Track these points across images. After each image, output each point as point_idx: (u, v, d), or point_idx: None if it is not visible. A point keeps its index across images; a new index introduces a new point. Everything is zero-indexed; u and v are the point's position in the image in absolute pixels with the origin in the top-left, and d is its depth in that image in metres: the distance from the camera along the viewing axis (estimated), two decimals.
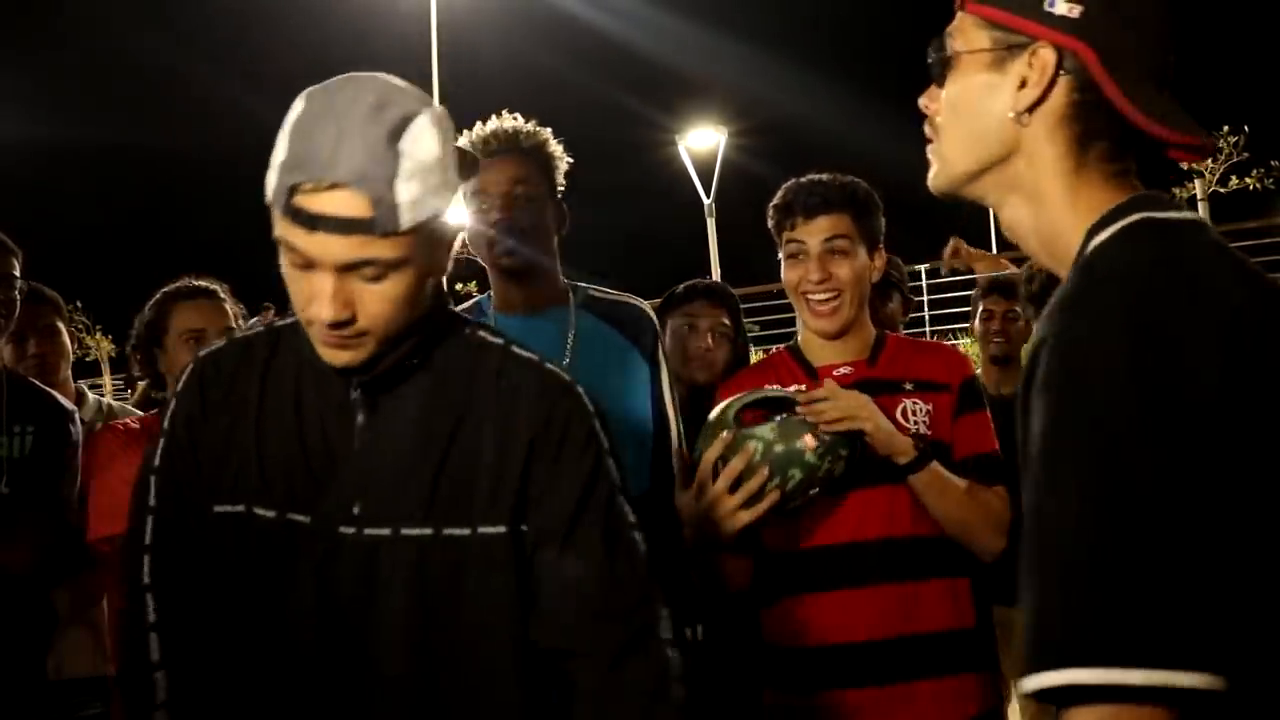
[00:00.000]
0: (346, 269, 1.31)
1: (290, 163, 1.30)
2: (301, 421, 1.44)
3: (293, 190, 1.29)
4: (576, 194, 2.42)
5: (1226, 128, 16.71)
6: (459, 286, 10.15)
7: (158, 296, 2.67)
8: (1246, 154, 16.98)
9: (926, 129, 1.23)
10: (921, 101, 1.23)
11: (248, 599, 1.41)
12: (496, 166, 2.28)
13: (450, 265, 1.44)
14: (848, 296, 2.17)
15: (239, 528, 1.42)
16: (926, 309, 15.03)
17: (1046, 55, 1.11)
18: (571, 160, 2.38)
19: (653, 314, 2.34)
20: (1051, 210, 1.15)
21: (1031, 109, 1.13)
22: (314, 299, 1.33)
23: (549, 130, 2.36)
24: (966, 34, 1.17)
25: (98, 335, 18.61)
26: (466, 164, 1.43)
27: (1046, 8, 1.12)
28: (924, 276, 14.77)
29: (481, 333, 1.52)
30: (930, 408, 2.15)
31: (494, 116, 2.37)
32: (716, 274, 16.25)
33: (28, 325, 2.90)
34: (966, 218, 14.24)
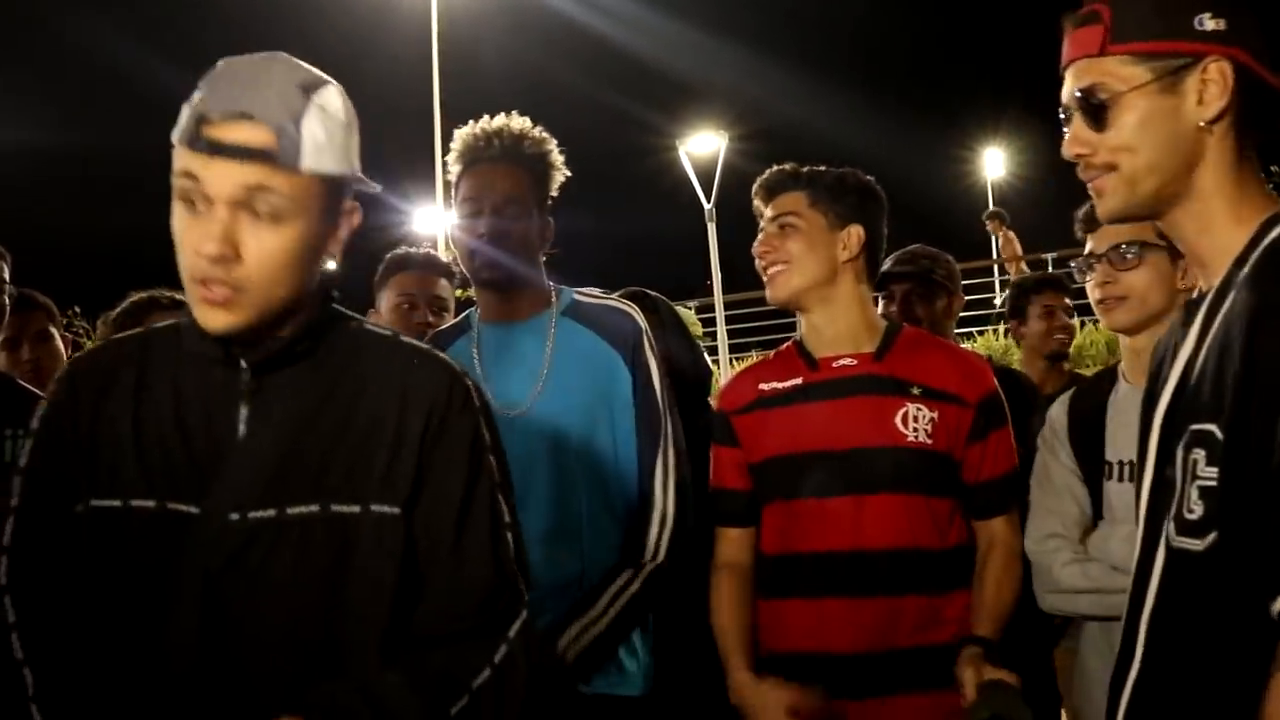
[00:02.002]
0: (239, 205, 1.32)
1: (202, 101, 1.34)
2: (182, 411, 1.43)
3: (200, 122, 1.33)
4: (575, 199, 2.39)
5: None
6: (458, 293, 10.06)
7: (127, 305, 2.66)
8: None
9: (1083, 174, 1.32)
10: (1072, 151, 1.32)
11: (127, 592, 1.39)
12: (490, 175, 2.24)
13: (340, 256, 1.46)
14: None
15: (117, 522, 1.40)
16: None
17: (1223, 66, 1.23)
18: (569, 174, 2.33)
19: (638, 317, 2.30)
20: (1214, 208, 1.26)
21: (1218, 117, 1.24)
22: (200, 239, 1.33)
23: (553, 140, 2.30)
24: (1118, 73, 1.27)
25: (95, 340, 18.61)
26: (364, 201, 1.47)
27: (1198, 27, 1.23)
28: None
29: (368, 326, 1.53)
30: (935, 416, 2.12)
31: (500, 115, 2.30)
32: (717, 279, 16.23)
33: (21, 332, 2.90)
34: (963, 224, 14.22)
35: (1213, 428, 1.16)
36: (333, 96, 1.39)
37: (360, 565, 1.40)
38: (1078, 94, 1.29)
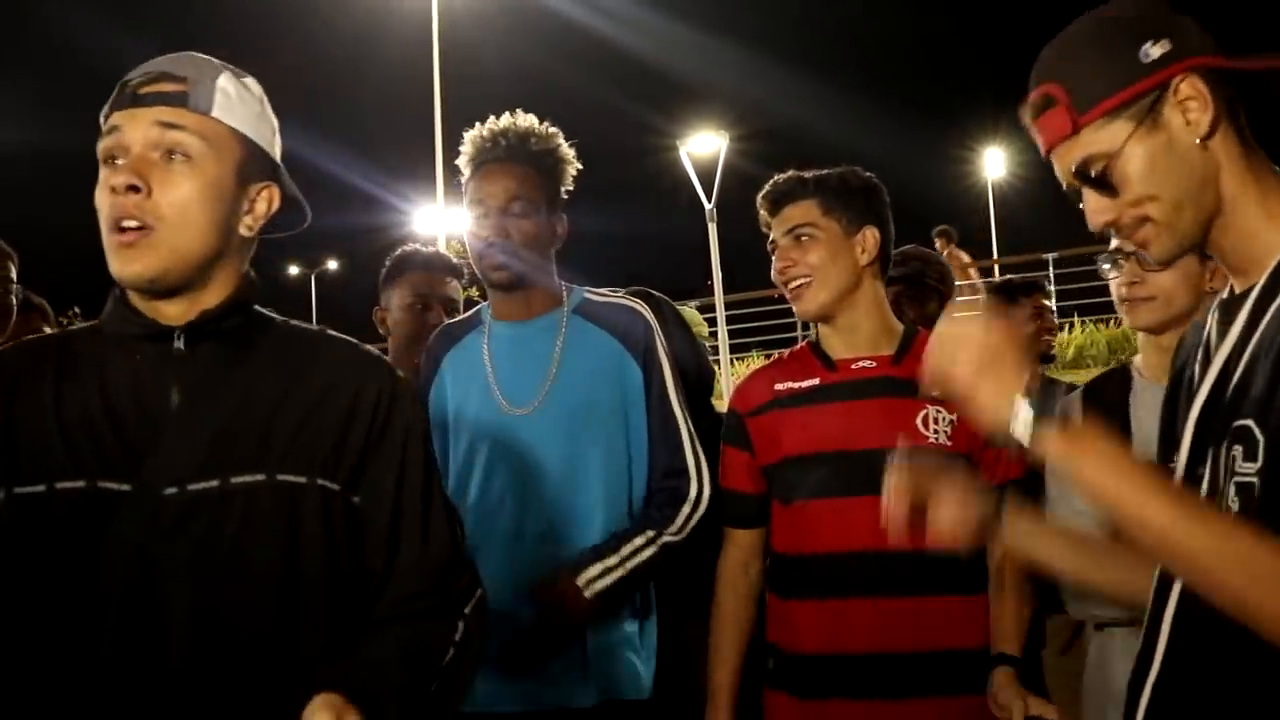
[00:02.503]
0: (153, 148, 1.38)
1: (128, 75, 1.43)
2: (109, 394, 1.41)
3: (123, 86, 1.42)
4: (576, 199, 2.38)
5: None
6: (464, 293, 10.02)
7: None
8: None
9: (1119, 238, 1.32)
10: (1100, 222, 1.30)
11: (55, 577, 1.34)
12: (496, 176, 2.24)
13: (258, 224, 1.47)
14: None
15: (41, 507, 1.35)
16: None
17: (1191, 81, 1.22)
18: (580, 168, 2.33)
19: (649, 316, 2.30)
20: (1244, 212, 1.25)
21: (1212, 129, 1.23)
22: (114, 177, 1.37)
23: (561, 134, 2.30)
24: (1100, 140, 1.26)
25: None
26: (295, 213, 1.53)
27: (1145, 60, 1.23)
28: None
29: (294, 322, 1.56)
30: (954, 419, 2.11)
31: (506, 115, 2.31)
32: (718, 279, 16.22)
33: (17, 333, 2.89)
34: (963, 225, 14.19)
35: (1250, 423, 1.16)
36: (252, 81, 1.49)
37: (309, 534, 1.40)
38: (1075, 173, 1.29)
